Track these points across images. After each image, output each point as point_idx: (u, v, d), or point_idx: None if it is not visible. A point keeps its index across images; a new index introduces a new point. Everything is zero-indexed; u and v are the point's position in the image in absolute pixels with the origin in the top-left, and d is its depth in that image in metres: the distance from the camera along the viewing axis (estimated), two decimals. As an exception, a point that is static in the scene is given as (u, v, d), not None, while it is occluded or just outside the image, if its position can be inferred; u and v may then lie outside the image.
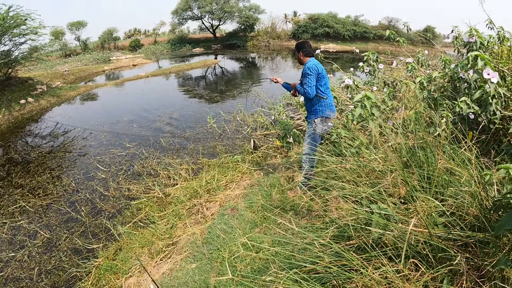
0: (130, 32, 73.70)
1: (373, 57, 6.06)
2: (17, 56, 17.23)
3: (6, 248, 4.84)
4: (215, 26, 50.63)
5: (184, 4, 47.11)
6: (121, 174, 6.76)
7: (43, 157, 8.38)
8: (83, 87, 18.86)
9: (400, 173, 2.23)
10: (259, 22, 48.15)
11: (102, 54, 39.83)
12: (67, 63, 33.89)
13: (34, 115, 13.78)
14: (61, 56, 40.69)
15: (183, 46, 47.38)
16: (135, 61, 32.27)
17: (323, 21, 44.50)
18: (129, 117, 11.24)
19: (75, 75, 24.62)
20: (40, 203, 5.95)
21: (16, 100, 14.99)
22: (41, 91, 16.73)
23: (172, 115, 10.88)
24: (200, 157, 7.05)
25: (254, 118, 9.25)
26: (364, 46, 39.28)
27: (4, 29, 14.98)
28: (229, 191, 5.20)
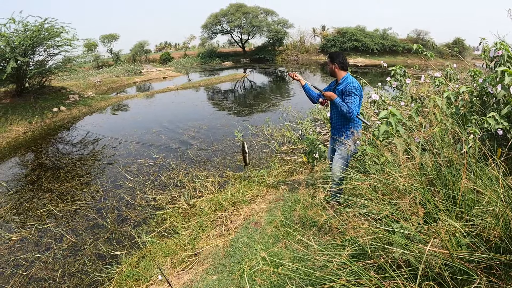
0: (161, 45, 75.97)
1: (400, 72, 6.05)
2: (51, 66, 18.20)
3: (32, 249, 5.08)
4: (244, 40, 51.78)
5: (213, 19, 48.64)
6: (148, 184, 6.95)
7: (73, 164, 8.75)
8: (114, 98, 19.60)
9: (421, 192, 2.23)
10: (287, 36, 48.83)
11: (133, 66, 41.26)
12: (99, 74, 35.22)
13: (65, 123, 14.40)
14: (93, 67, 42.30)
15: (212, 59, 48.47)
16: (165, 74, 33.19)
17: (351, 35, 44.82)
18: (158, 129, 11.57)
19: (107, 86, 25.61)
20: (67, 208, 6.21)
21: (49, 108, 15.73)
22: (73, 100, 17.50)
23: (200, 128, 11.12)
24: (227, 170, 7.17)
25: (281, 132, 9.34)
26: (392, 60, 39.21)
27: (39, 40, 15.88)
28: (253, 205, 5.26)
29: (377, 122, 4.22)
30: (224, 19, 48.69)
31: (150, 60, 50.13)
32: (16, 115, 14.39)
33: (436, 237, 1.89)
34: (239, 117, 12.68)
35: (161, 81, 29.18)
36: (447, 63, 6.11)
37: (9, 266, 4.72)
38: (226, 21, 48.48)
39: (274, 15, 49.17)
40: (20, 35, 15.17)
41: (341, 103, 3.93)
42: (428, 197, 2.19)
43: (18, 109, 14.97)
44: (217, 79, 25.75)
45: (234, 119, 12.23)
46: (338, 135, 4.18)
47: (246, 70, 34.72)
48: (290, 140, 8.68)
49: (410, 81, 6.05)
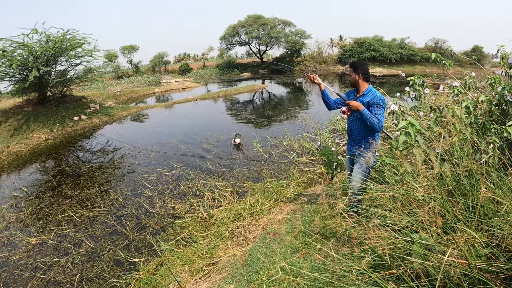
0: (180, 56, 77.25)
1: (418, 82, 6.00)
2: (72, 76, 18.79)
3: (51, 253, 5.20)
4: (262, 51, 52.50)
5: (232, 30, 49.46)
6: (167, 193, 7.03)
7: (93, 172, 8.93)
8: (134, 108, 19.98)
9: (441, 202, 2.21)
10: (305, 47, 49.30)
11: (153, 77, 42.03)
12: (119, 84, 35.99)
13: (86, 131, 14.73)
14: (113, 78, 43.24)
15: (231, 70, 49.08)
16: (185, 85, 33.68)
17: (369, 45, 44.95)
18: (177, 139, 11.72)
19: (127, 96, 26.14)
20: (87, 215, 6.33)
21: (70, 116, 16.15)
22: (94, 110, 17.91)
23: (219, 138, 11.21)
24: (245, 181, 7.19)
25: (300, 143, 9.34)
26: (411, 69, 38.96)
27: (61, 50, 16.46)
28: (272, 216, 5.26)
29: (396, 133, 4.18)
30: (242, 30, 49.52)
31: (169, 71, 50.92)
32: (37, 123, 14.84)
33: (455, 248, 1.87)
34: (258, 127, 12.74)
35: (180, 91, 29.64)
36: (465, 72, 6.03)
37: (28, 269, 4.84)
38: (244, 32, 49.29)
39: (292, 26, 49.71)
40: (43, 46, 15.72)
41: (370, 115, 3.87)
42: (447, 207, 2.17)
43: (40, 117, 15.43)
44: (235, 90, 26.00)
45: (253, 130, 12.30)
46: (357, 146, 4.14)
47: (265, 81, 34.96)
48: (308, 151, 8.67)
49: (428, 91, 6.00)
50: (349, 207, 4.23)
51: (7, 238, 5.83)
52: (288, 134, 10.19)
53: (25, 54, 15.27)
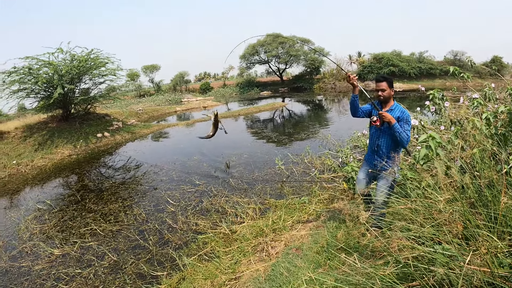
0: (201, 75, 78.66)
1: (438, 95, 5.97)
2: (96, 94, 19.44)
3: (73, 264, 5.34)
4: (282, 70, 53.18)
5: (251, 49, 50.30)
6: (190, 209, 7.11)
7: (116, 187, 9.13)
8: (156, 126, 20.39)
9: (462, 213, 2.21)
10: (324, 65, 49.57)
11: (174, 96, 42.88)
12: (141, 102, 36.80)
13: (109, 148, 15.10)
14: (135, 96, 44.29)
15: (251, 89, 49.73)
16: (205, 103, 34.21)
17: (387, 60, 44.96)
18: (199, 156, 11.88)
19: (149, 114, 26.71)
20: (110, 228, 6.46)
21: (93, 133, 16.61)
22: (116, 127, 18.37)
23: (241, 156, 11.29)
24: (268, 198, 7.21)
25: (321, 160, 9.34)
26: (430, 83, 38.73)
27: (85, 69, 17.19)
28: (294, 232, 5.26)
29: (417, 147, 4.15)
30: (261, 49, 50.35)
31: (190, 90, 51.85)
32: (61, 139, 15.33)
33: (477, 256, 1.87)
34: (279, 145, 12.79)
35: (201, 110, 30.09)
36: (485, 83, 5.95)
37: (50, 279, 4.98)
38: (264, 51, 50.15)
39: (311, 44, 50.14)
40: (68, 64, 16.42)
41: (401, 129, 3.85)
42: (468, 216, 2.16)
43: (64, 133, 15.93)
44: (256, 108, 26.25)
45: (274, 148, 12.35)
46: (380, 161, 4.10)
47: (285, 99, 35.21)
48: (330, 168, 8.66)
49: (448, 104, 5.96)
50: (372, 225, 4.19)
51: (30, 248, 6.04)
52: (309, 152, 10.21)
53: (50, 72, 15.95)
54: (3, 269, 5.46)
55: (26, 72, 15.70)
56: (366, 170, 4.33)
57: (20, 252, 5.97)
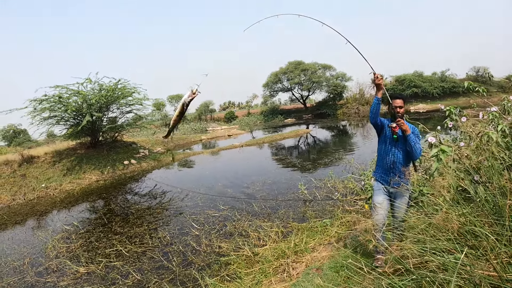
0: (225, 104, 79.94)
1: (455, 111, 5.97)
2: (123, 122, 20.17)
3: (98, 282, 5.57)
4: (305, 97, 53.65)
5: (274, 77, 51.18)
6: (213, 232, 7.23)
7: (141, 211, 9.40)
8: (181, 154, 20.85)
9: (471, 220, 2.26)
10: (347, 90, 49.76)
11: (199, 125, 43.70)
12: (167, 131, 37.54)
13: (135, 175, 15.51)
14: (161, 125, 45.26)
15: (275, 117, 50.18)
16: (230, 132, 34.69)
17: (409, 82, 44.77)
18: (224, 183, 12.07)
19: (175, 143, 27.34)
20: (135, 250, 6.65)
21: (120, 160, 17.13)
22: (143, 155, 18.88)
23: (265, 182, 11.40)
24: (290, 221, 7.26)
25: (344, 184, 9.35)
26: (454, 102, 37.80)
27: (113, 99, 18.00)
28: (316, 253, 5.30)
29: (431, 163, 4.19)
30: (284, 77, 51.18)
31: (215, 119, 52.71)
32: (89, 165, 15.91)
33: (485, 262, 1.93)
34: (303, 171, 12.85)
35: (226, 138, 30.54)
36: (503, 96, 5.89)
37: (76, 296, 5.15)
38: (286, 78, 50.98)
39: (332, 70, 50.59)
40: (96, 94, 17.18)
41: (416, 140, 3.95)
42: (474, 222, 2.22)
43: (91, 160, 16.52)
44: (280, 136, 26.45)
45: (298, 174, 12.42)
46: (394, 177, 4.14)
47: (309, 126, 35.35)
48: (353, 191, 8.67)
49: (465, 119, 5.94)
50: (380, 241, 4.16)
51: (56, 265, 6.35)
52: (332, 176, 10.24)
53: (79, 101, 16.70)
54: (29, 283, 5.77)
55: (56, 100, 16.56)
56: (384, 191, 4.29)
57: (46, 269, 6.29)
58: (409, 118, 4.84)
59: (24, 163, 15.96)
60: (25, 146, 32.19)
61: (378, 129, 4.38)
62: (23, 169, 15.48)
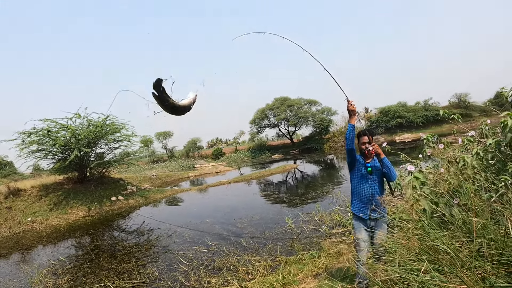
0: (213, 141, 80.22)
1: (432, 139, 6.21)
2: (111, 158, 20.20)
3: None
4: (292, 132, 54.60)
5: (260, 114, 52.15)
6: (202, 268, 7.23)
7: (129, 248, 9.34)
8: (169, 191, 20.79)
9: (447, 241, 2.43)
10: (333, 124, 51.13)
11: (187, 162, 43.65)
12: (154, 168, 37.50)
13: (123, 211, 15.41)
14: (149, 162, 45.22)
15: (262, 153, 50.61)
16: (218, 169, 34.72)
17: (394, 113, 46.09)
18: (212, 219, 12.08)
19: (162, 179, 27.23)
20: (123, 286, 6.61)
21: (108, 197, 17.03)
22: (131, 192, 18.79)
23: (253, 218, 11.45)
24: (278, 255, 7.32)
25: (331, 216, 9.48)
26: (439, 130, 38.98)
27: (101, 134, 18.10)
28: (304, 285, 5.38)
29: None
30: (270, 113, 52.20)
31: (202, 156, 52.79)
32: (76, 200, 15.81)
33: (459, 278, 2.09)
34: (291, 206, 12.93)
35: (213, 175, 30.56)
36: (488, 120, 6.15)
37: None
38: (273, 115, 52.02)
39: (318, 105, 51.85)
40: (85, 129, 17.30)
41: (390, 163, 4.10)
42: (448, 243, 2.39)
43: (78, 195, 16.42)
44: (268, 172, 26.61)
45: (285, 208, 12.50)
46: (371, 207, 4.22)
47: (296, 161, 35.66)
48: (340, 223, 8.80)
49: (442, 146, 6.15)
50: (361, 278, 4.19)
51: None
52: (319, 209, 10.38)
53: (68, 135, 16.76)
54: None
55: (45, 134, 16.65)
56: (365, 225, 4.32)
57: (32, 303, 6.16)
58: (392, 149, 5.06)
59: (10, 196, 15.81)
60: (11, 178, 31.75)
61: (353, 158, 4.46)
62: (9, 201, 15.32)
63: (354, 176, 4.48)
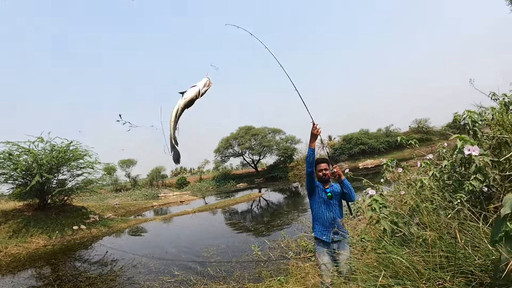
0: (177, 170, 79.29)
1: (391, 164, 6.58)
2: (73, 185, 19.70)
3: None
4: (256, 161, 54.87)
5: (225, 143, 52.47)
6: (169, 298, 7.19)
7: (93, 279, 9.11)
8: (133, 220, 20.42)
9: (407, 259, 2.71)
10: (297, 152, 51.99)
11: (151, 191, 42.96)
12: (117, 197, 36.65)
13: (85, 241, 14.96)
14: (112, 191, 44.09)
15: (227, 182, 50.54)
16: (182, 198, 34.37)
17: (356, 140, 47.90)
18: (177, 248, 11.98)
19: (125, 209, 26.66)
20: (89, 317, 6.45)
21: (70, 225, 16.53)
22: (93, 220, 18.31)
23: (219, 246, 11.47)
24: (246, 282, 7.39)
25: (297, 243, 9.68)
26: (400, 154, 40.62)
27: (64, 160, 17.68)
28: (272, 309, 5.51)
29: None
30: (235, 142, 52.60)
31: (166, 185, 52.10)
32: (37, 228, 15.29)
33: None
34: (257, 234, 13.04)
35: (178, 204, 30.20)
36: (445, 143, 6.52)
37: None
38: (237, 144, 52.38)
39: (282, 133, 52.88)
40: (47, 154, 16.88)
41: (350, 184, 4.38)
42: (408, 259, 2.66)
43: (39, 223, 15.87)
44: (233, 201, 26.62)
45: (251, 236, 12.59)
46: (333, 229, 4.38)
47: (261, 189, 35.85)
48: (306, 249, 9.00)
49: (401, 170, 6.49)
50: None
51: None
52: (285, 236, 10.56)
53: (30, 160, 16.28)
54: None
55: (6, 157, 16.07)
56: (328, 248, 4.41)
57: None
58: (355, 175, 5.35)
59: (-33, 221, 15.05)
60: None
61: (313, 182, 4.59)
62: (-35, 227, 14.58)
63: (314, 201, 4.65)
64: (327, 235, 4.44)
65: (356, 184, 4.91)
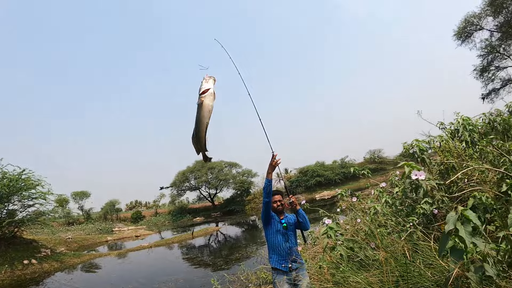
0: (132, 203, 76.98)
1: (346, 194, 7.05)
2: (24, 217, 18.91)
3: None
4: (213, 195, 54.41)
5: (181, 176, 51.84)
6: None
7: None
8: (87, 255, 19.81)
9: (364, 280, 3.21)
10: (253, 185, 52.08)
11: (105, 225, 41.56)
12: (69, 231, 35.23)
13: (36, 277, 14.44)
14: (64, 224, 42.29)
15: (183, 216, 49.72)
16: (138, 232, 33.59)
17: (313, 172, 48.68)
18: (134, 284, 11.87)
19: (78, 243, 25.76)
20: None
21: (20, 259, 15.87)
22: (45, 255, 17.64)
23: (177, 281, 11.50)
24: (206, 317, 7.60)
25: (257, 275, 9.91)
26: (356, 185, 41.57)
27: (15, 189, 17.02)
28: None
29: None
30: (191, 175, 51.98)
31: (121, 219, 50.56)
32: (-16, 261, 14.52)
33: None
34: (215, 268, 13.16)
35: (133, 239, 29.50)
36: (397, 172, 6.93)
37: None
38: (194, 177, 51.67)
39: (238, 167, 52.99)
40: (-2, 182, 16.12)
41: (305, 214, 4.57)
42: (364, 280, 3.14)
43: (-13, 256, 15.11)
44: (189, 235, 26.38)
45: (210, 271, 12.72)
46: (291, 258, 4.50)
47: (218, 223, 35.69)
48: (266, 281, 9.25)
49: (355, 199, 6.89)
50: None
51: None
52: (244, 269, 10.75)
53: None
54: None
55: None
56: (287, 278, 4.42)
57: None
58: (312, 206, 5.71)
59: None
60: None
61: (269, 213, 4.71)
62: None
63: (270, 232, 4.77)
64: (285, 264, 4.56)
65: (314, 215, 5.36)
